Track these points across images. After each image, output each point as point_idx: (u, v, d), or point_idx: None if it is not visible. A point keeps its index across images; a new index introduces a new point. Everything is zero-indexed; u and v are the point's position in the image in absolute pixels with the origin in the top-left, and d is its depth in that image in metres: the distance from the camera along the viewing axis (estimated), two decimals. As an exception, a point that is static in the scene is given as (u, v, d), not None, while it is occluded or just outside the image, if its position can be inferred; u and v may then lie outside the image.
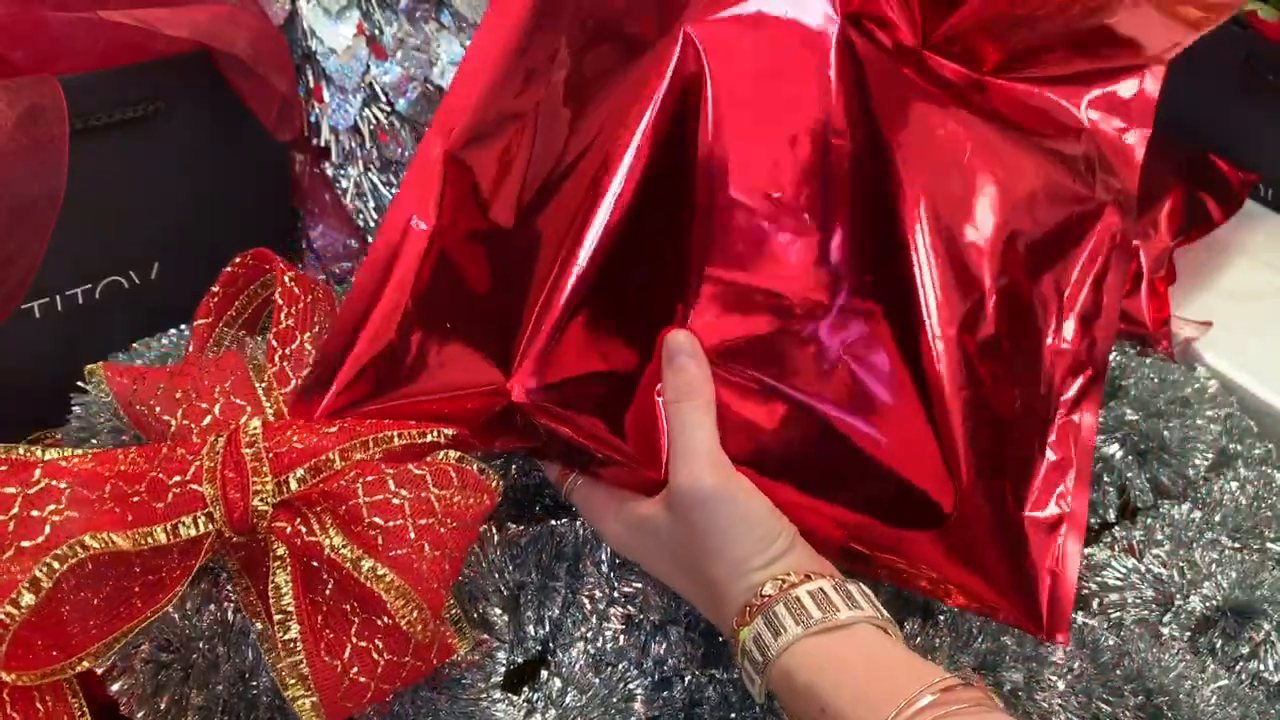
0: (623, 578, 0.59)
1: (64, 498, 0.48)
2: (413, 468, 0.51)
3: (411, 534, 0.49)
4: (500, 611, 0.57)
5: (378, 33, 0.78)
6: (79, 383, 0.61)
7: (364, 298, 0.55)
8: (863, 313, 0.55)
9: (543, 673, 0.57)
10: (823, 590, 0.50)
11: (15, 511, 0.47)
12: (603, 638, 0.58)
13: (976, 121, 0.58)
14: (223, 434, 0.51)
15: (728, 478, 0.52)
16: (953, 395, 0.54)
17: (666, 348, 0.54)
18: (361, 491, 0.49)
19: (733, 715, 0.57)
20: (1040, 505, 0.56)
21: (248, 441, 0.50)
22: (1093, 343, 0.59)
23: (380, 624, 0.50)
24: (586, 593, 0.58)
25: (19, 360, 0.70)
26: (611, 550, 0.59)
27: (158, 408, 0.54)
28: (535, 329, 0.53)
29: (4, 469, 0.49)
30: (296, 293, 0.59)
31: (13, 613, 0.45)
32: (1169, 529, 0.66)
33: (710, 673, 0.58)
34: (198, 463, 0.50)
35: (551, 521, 0.60)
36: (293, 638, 0.48)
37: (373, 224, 0.82)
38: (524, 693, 0.56)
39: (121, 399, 0.57)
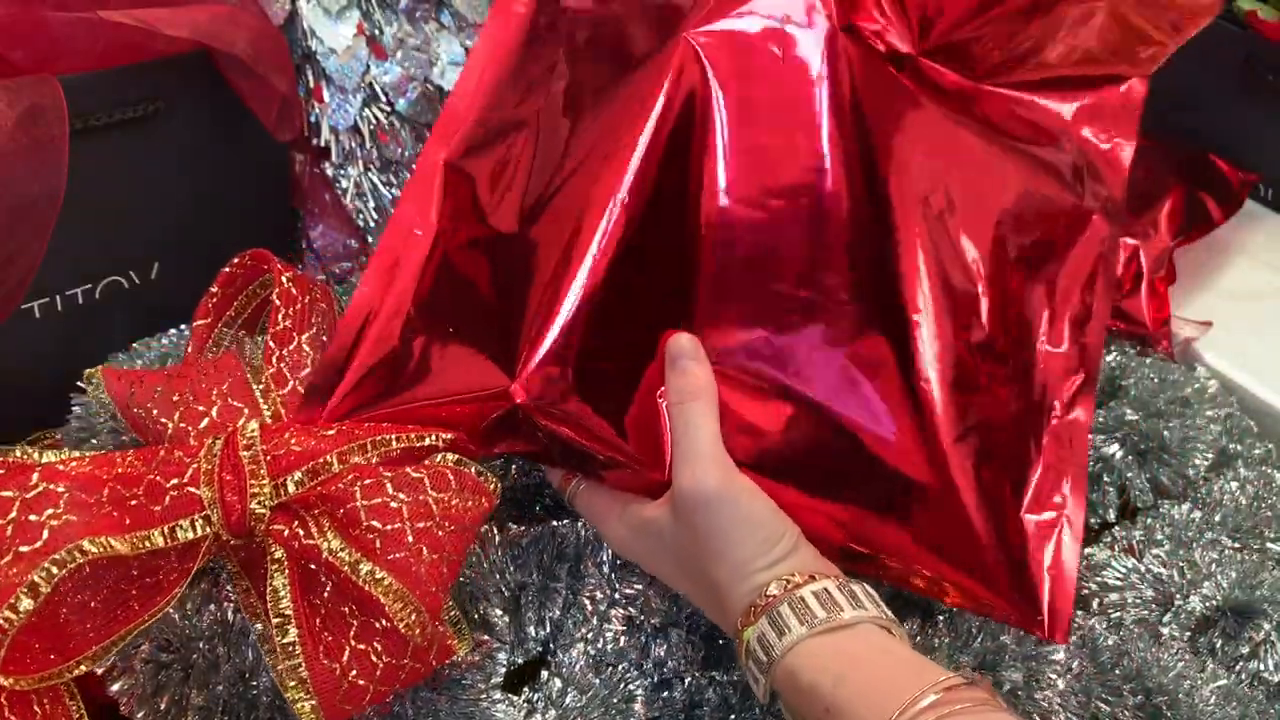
0: (624, 579, 0.59)
1: (62, 502, 0.48)
2: (411, 471, 0.51)
3: (409, 537, 0.49)
4: (501, 612, 0.57)
5: (378, 33, 0.78)
6: (79, 383, 0.61)
7: (367, 303, 0.56)
8: (860, 314, 0.56)
9: (543, 673, 0.57)
10: (827, 590, 0.50)
11: (13, 516, 0.47)
12: (603, 639, 0.58)
13: (970, 128, 0.59)
14: (220, 436, 0.51)
15: (731, 479, 0.52)
16: (947, 397, 0.54)
17: (669, 350, 0.54)
18: (359, 495, 0.49)
19: (732, 717, 0.57)
20: (1038, 507, 0.56)
21: (245, 444, 0.50)
22: (1084, 346, 0.59)
23: (379, 627, 0.50)
24: (587, 594, 0.58)
25: (19, 360, 0.70)
26: (613, 552, 0.59)
27: (155, 410, 0.54)
28: (538, 332, 0.53)
29: (1, 473, 0.49)
30: (294, 293, 0.59)
31: (11, 618, 0.45)
32: (1169, 529, 0.66)
33: (711, 675, 0.58)
34: (195, 465, 0.50)
35: (553, 522, 0.60)
36: (291, 641, 0.48)
37: (373, 224, 0.82)
38: (524, 693, 0.56)
39: (119, 403, 0.57)
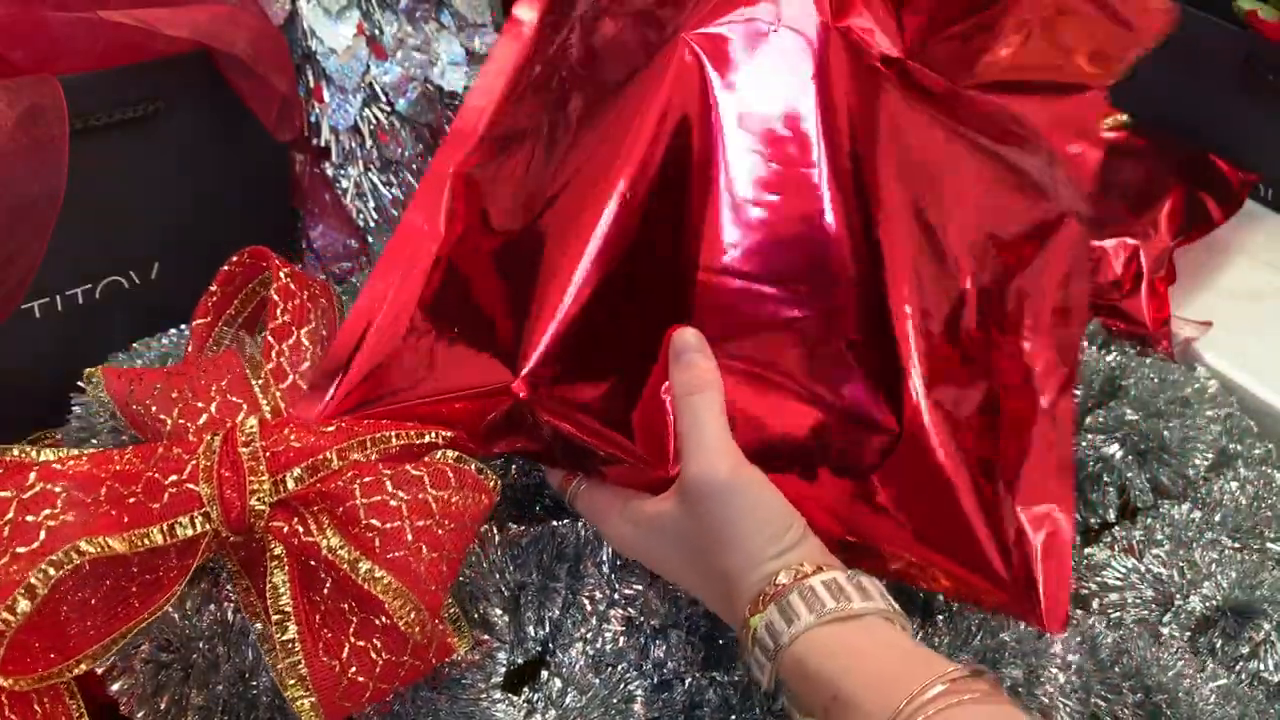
0: (623, 579, 0.59)
1: (59, 501, 0.48)
2: (410, 469, 0.51)
3: (409, 535, 0.49)
4: (501, 612, 0.57)
5: (378, 33, 0.78)
6: (79, 383, 0.61)
7: (371, 304, 0.57)
8: (854, 309, 0.56)
9: (543, 673, 0.57)
10: (836, 581, 0.50)
11: (10, 516, 0.47)
12: (603, 639, 0.58)
13: (955, 130, 0.60)
14: (219, 433, 0.51)
15: (741, 469, 0.52)
16: (938, 392, 0.55)
17: (674, 345, 0.54)
18: (359, 493, 0.49)
19: (733, 718, 0.57)
20: (1030, 499, 0.56)
21: (244, 440, 0.50)
22: (1063, 343, 0.60)
23: (378, 624, 0.50)
24: (587, 594, 0.58)
25: (19, 360, 0.70)
26: (613, 551, 0.59)
27: (154, 407, 0.54)
28: (541, 328, 0.54)
29: (-1, 472, 0.49)
30: (293, 289, 0.59)
31: (9, 619, 0.45)
32: (1169, 529, 0.66)
33: (711, 675, 0.58)
34: (194, 462, 0.50)
35: (553, 522, 0.60)
36: (290, 638, 0.48)
37: (373, 224, 0.82)
38: (524, 693, 0.56)
39: (119, 401, 0.57)
